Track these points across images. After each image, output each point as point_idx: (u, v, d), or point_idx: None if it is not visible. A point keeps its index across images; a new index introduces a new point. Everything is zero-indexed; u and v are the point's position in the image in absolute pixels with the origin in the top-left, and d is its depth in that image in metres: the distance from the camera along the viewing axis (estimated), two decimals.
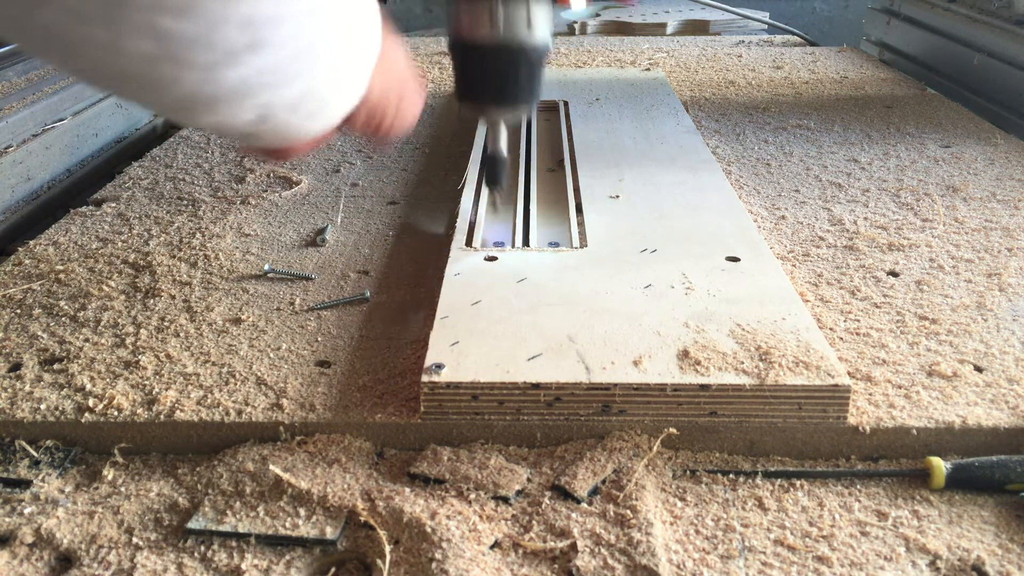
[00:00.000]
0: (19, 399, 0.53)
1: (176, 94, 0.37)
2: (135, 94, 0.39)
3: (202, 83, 0.36)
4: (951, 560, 0.43)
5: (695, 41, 1.64)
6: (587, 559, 0.42)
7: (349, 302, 0.65)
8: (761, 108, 1.16)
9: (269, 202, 0.84)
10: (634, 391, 0.50)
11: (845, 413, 0.50)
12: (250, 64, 0.36)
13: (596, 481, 0.47)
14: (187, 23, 0.33)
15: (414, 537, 0.43)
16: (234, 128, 0.41)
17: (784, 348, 0.52)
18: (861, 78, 1.32)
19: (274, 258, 0.72)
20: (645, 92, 1.16)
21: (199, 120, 0.40)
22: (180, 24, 0.33)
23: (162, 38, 0.33)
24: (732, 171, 0.92)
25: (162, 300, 0.65)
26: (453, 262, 0.65)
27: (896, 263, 0.71)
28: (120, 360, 0.57)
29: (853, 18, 2.15)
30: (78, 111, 1.06)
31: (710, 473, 0.49)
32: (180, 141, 1.04)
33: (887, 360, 0.57)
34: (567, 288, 0.60)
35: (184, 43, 0.33)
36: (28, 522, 0.45)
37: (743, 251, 0.66)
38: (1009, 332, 0.60)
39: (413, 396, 0.52)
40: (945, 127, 1.07)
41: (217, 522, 0.44)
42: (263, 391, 0.53)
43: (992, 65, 1.23)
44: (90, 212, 0.83)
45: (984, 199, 0.84)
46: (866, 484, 0.48)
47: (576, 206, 0.76)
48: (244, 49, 0.35)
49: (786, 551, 0.43)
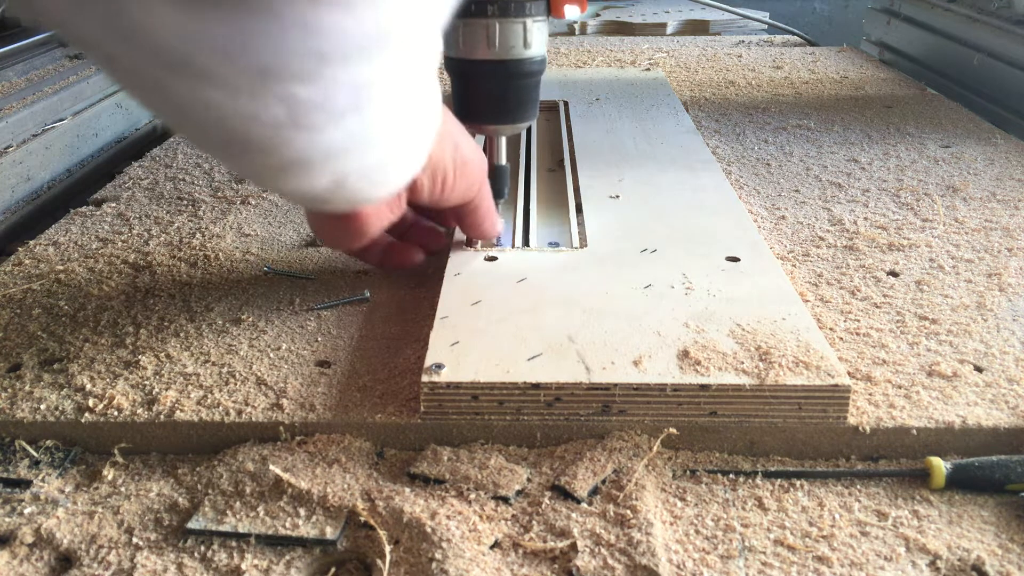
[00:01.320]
0: (19, 399, 0.53)
1: (281, 156, 0.39)
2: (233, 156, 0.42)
3: (307, 145, 0.39)
4: (951, 560, 0.43)
5: (695, 41, 1.64)
6: (587, 559, 0.42)
7: (349, 302, 0.65)
8: (761, 108, 1.16)
9: (269, 202, 0.84)
10: (634, 391, 0.50)
11: (845, 413, 0.50)
12: (347, 126, 0.39)
13: (596, 481, 0.47)
14: (311, 88, 0.35)
15: (414, 537, 0.43)
16: (311, 192, 0.44)
17: (784, 348, 0.52)
18: (861, 78, 1.32)
19: (274, 258, 0.72)
20: (645, 92, 1.16)
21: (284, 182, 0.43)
22: (307, 90, 0.35)
23: (292, 105, 0.35)
24: (732, 171, 0.92)
25: (162, 300, 0.65)
26: (453, 262, 0.65)
27: (896, 263, 0.71)
28: (120, 360, 0.57)
29: (853, 18, 2.15)
30: (78, 111, 1.06)
31: (710, 473, 0.49)
32: (180, 141, 1.04)
33: (887, 360, 0.57)
34: (567, 288, 0.60)
35: (306, 108, 0.36)
36: (28, 522, 0.45)
37: (743, 251, 0.66)
38: (1009, 332, 0.60)
39: (413, 396, 0.52)
40: (945, 127, 1.07)
41: (217, 522, 0.44)
42: (263, 391, 0.53)
43: (992, 65, 1.23)
44: (90, 212, 0.83)
45: (984, 199, 0.84)
46: (866, 484, 0.48)
47: (576, 206, 0.76)
48: (348, 111, 0.38)
49: (786, 551, 0.43)
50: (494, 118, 0.62)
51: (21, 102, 0.99)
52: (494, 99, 0.60)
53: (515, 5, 0.57)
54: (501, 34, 0.57)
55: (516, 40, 0.58)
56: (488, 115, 0.62)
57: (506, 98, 0.60)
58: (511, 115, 0.62)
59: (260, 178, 0.46)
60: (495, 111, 0.61)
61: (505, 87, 0.60)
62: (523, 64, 0.59)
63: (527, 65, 0.59)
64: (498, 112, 0.61)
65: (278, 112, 0.35)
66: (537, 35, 0.58)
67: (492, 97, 0.60)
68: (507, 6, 0.57)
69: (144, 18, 0.31)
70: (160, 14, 0.31)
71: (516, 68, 0.59)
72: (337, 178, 0.43)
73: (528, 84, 0.60)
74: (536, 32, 0.58)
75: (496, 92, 0.60)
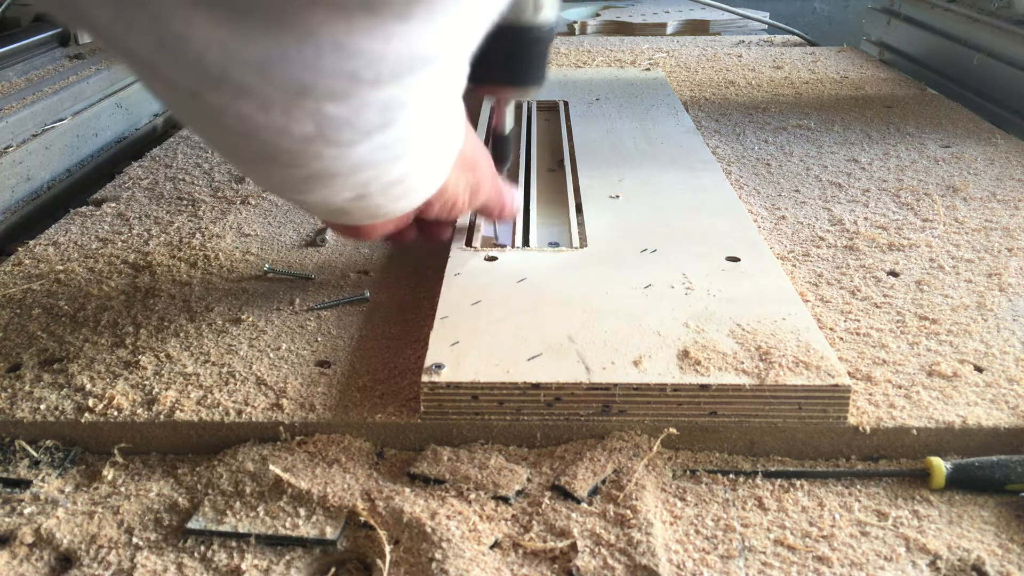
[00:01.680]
0: (19, 399, 0.53)
1: (309, 169, 0.41)
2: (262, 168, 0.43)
3: (334, 159, 0.40)
4: (951, 560, 0.43)
5: (695, 41, 1.64)
6: (587, 559, 0.42)
7: (349, 302, 0.65)
8: (761, 108, 1.16)
9: (269, 202, 0.84)
10: (634, 391, 0.50)
11: (845, 413, 0.50)
12: (374, 143, 0.40)
13: (596, 481, 0.47)
14: (343, 107, 0.36)
15: (414, 537, 0.43)
16: (332, 204, 0.46)
17: (784, 348, 0.52)
18: (861, 78, 1.32)
19: (274, 258, 0.72)
20: (645, 92, 1.16)
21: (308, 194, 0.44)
22: (338, 108, 0.36)
23: (321, 122, 0.37)
24: (732, 171, 0.92)
25: (162, 300, 0.65)
26: (453, 262, 0.65)
27: (896, 263, 0.71)
28: (120, 360, 0.57)
29: (853, 18, 2.15)
30: (78, 111, 1.06)
31: (710, 473, 0.49)
32: (180, 141, 1.04)
33: (887, 360, 0.57)
34: (567, 288, 0.60)
35: (336, 124, 0.37)
36: (28, 522, 0.45)
37: (743, 251, 0.66)
38: (1009, 332, 0.60)
39: (413, 396, 0.52)
40: (945, 127, 1.07)
41: (217, 522, 0.44)
42: (263, 391, 0.53)
43: (992, 65, 1.23)
44: (90, 212, 0.83)
45: (984, 199, 0.84)
46: (866, 484, 0.48)
47: (576, 206, 0.76)
48: (376, 129, 0.39)
49: (786, 551, 0.43)
50: (503, 79, 0.61)
51: (21, 102, 0.99)
52: (501, 62, 0.60)
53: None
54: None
55: (526, 3, 0.57)
56: (497, 77, 0.61)
57: (513, 62, 0.60)
58: (520, 78, 0.61)
59: (286, 189, 0.47)
60: (503, 74, 0.61)
61: (513, 51, 0.59)
62: (531, 29, 0.58)
63: (535, 31, 0.59)
64: (507, 74, 0.60)
65: (308, 127, 0.36)
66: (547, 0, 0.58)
67: (500, 60, 0.59)
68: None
69: (185, 31, 0.32)
70: (201, 28, 0.32)
71: (525, 33, 0.58)
72: (360, 192, 0.45)
73: (536, 50, 0.60)
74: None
75: (504, 55, 0.59)
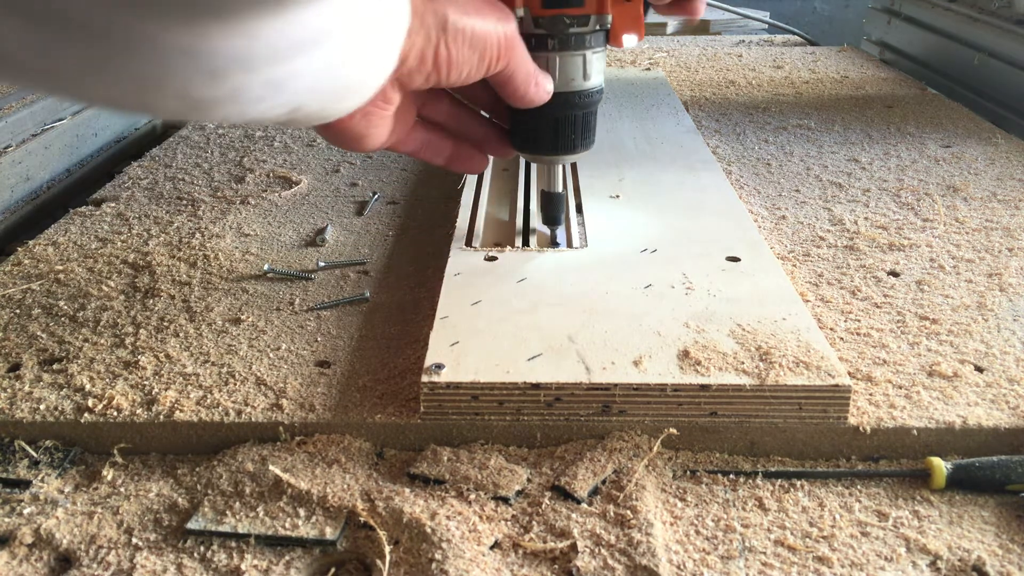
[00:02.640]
0: (18, 399, 0.53)
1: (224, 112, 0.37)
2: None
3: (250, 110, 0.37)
4: (951, 560, 0.43)
5: (695, 41, 1.64)
6: (587, 559, 0.42)
7: (349, 302, 0.65)
8: (761, 108, 1.16)
9: (269, 202, 0.84)
10: (634, 391, 0.50)
11: (845, 413, 0.50)
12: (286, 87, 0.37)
13: (596, 481, 0.47)
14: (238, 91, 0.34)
15: (414, 537, 0.43)
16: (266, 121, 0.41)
17: (784, 348, 0.52)
18: (861, 78, 1.32)
19: (274, 258, 0.72)
20: (645, 92, 1.15)
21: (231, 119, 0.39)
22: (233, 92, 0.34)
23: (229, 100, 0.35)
24: (732, 171, 0.92)
25: (162, 300, 0.65)
26: (453, 262, 0.65)
27: (897, 263, 0.71)
28: (119, 360, 0.57)
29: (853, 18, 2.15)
30: (77, 111, 1.06)
31: (710, 473, 0.49)
32: (180, 141, 1.04)
33: (887, 360, 0.57)
34: (567, 288, 0.60)
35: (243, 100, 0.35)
36: (27, 522, 0.45)
37: (743, 251, 0.65)
38: (1010, 332, 0.60)
39: (413, 396, 0.52)
40: (945, 127, 1.07)
41: (217, 522, 0.44)
42: (263, 391, 0.53)
43: (992, 65, 1.23)
44: (89, 212, 0.83)
45: (985, 199, 0.84)
46: (866, 484, 0.48)
47: (576, 206, 0.76)
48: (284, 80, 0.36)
49: (786, 551, 0.43)
50: (554, 148, 0.61)
51: (21, 102, 0.99)
52: (552, 130, 0.60)
53: (575, 39, 0.56)
54: (561, 67, 0.57)
55: (576, 72, 0.57)
56: (548, 146, 0.61)
57: (564, 129, 0.60)
58: (570, 145, 0.61)
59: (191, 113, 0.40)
60: (555, 142, 0.60)
61: (564, 118, 0.59)
62: (581, 95, 0.58)
63: (586, 96, 0.59)
64: (558, 143, 0.60)
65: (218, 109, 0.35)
66: (596, 65, 0.58)
67: (552, 128, 0.60)
68: (567, 40, 0.56)
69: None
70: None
71: (575, 99, 0.58)
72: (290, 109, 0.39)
73: (586, 114, 0.60)
74: (595, 63, 0.58)
75: (556, 123, 0.59)
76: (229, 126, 1.09)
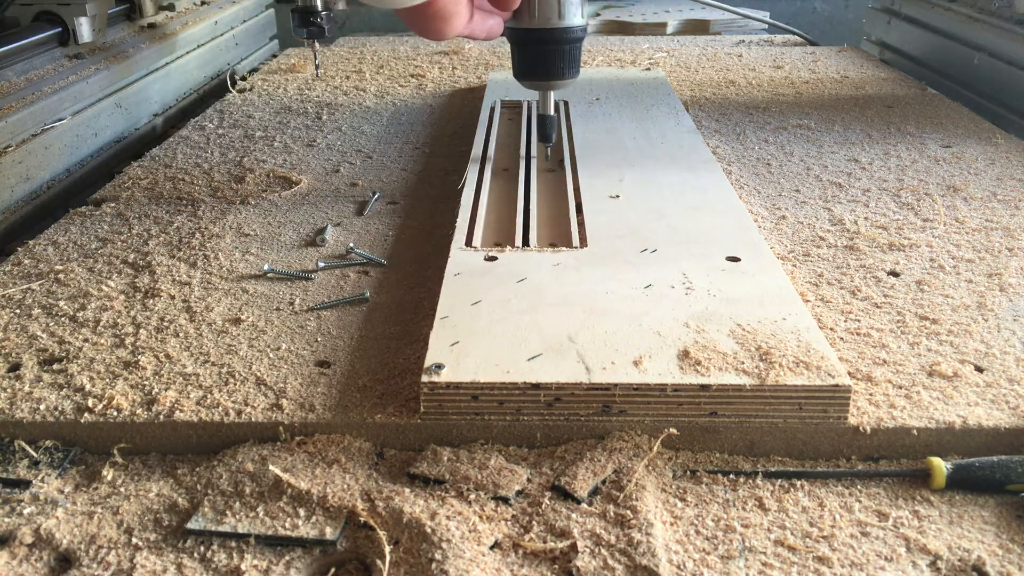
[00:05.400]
0: (18, 399, 0.53)
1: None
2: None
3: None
4: (951, 560, 0.43)
5: (695, 41, 1.64)
6: (587, 559, 0.42)
7: (349, 302, 0.65)
8: (761, 108, 1.16)
9: (269, 202, 0.84)
10: (634, 391, 0.50)
11: (845, 413, 0.50)
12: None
13: (596, 481, 0.47)
14: None
15: (414, 537, 0.43)
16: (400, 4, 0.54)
17: (784, 348, 0.52)
18: (861, 78, 1.32)
19: (274, 258, 0.72)
20: (645, 92, 1.15)
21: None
22: None
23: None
24: (732, 171, 0.92)
25: (162, 300, 0.65)
26: (453, 262, 0.65)
27: (897, 263, 0.71)
28: (120, 360, 0.57)
29: (853, 18, 2.15)
30: (77, 111, 1.06)
31: (710, 473, 0.49)
32: (180, 141, 1.04)
33: (888, 360, 0.57)
34: (567, 288, 0.60)
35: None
36: (27, 522, 0.45)
37: (743, 251, 0.65)
38: (1010, 332, 0.60)
39: (413, 396, 0.52)
40: (946, 127, 1.07)
41: (217, 522, 0.44)
42: (263, 391, 0.53)
43: (992, 65, 1.23)
44: (89, 212, 0.83)
45: (985, 199, 0.84)
46: (866, 484, 0.48)
47: (576, 206, 0.76)
48: None
49: (786, 551, 0.43)
50: (539, 75, 0.77)
51: (21, 102, 0.99)
52: (536, 60, 0.76)
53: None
54: (539, 7, 0.72)
55: (551, 12, 0.72)
56: (533, 73, 0.77)
57: (544, 59, 0.75)
58: (553, 73, 0.76)
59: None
60: (537, 70, 0.76)
61: (543, 50, 0.74)
62: (557, 31, 0.73)
63: (568, 32, 0.73)
64: (542, 71, 0.76)
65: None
66: (569, 7, 0.72)
67: (534, 58, 0.76)
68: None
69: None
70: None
71: (551, 35, 0.73)
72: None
73: (571, 48, 0.74)
74: (568, 4, 0.72)
75: (537, 54, 0.75)
76: (232, 124, 1.09)
